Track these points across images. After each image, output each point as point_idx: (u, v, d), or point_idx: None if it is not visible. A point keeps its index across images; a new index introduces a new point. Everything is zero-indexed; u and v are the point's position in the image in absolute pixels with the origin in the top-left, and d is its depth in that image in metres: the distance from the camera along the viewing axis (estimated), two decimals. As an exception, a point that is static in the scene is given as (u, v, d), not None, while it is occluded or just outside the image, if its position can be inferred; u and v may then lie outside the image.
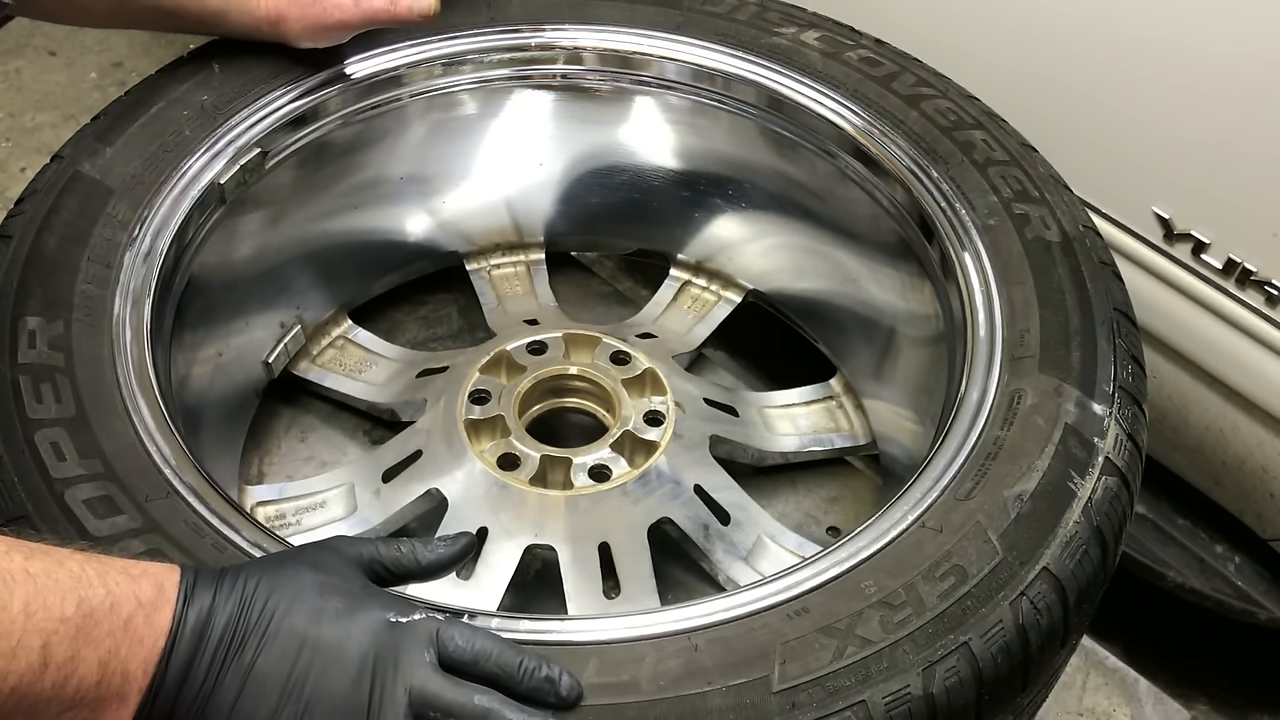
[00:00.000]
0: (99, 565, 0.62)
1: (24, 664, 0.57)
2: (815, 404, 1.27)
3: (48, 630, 0.58)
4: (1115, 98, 1.23)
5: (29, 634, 0.57)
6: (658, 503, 1.09)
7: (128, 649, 0.61)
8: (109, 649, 0.60)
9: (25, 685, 0.57)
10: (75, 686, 0.59)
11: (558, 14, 1.23)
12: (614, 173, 1.33)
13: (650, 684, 0.71)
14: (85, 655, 0.59)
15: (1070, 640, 0.83)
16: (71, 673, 0.59)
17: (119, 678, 0.60)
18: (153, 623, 0.62)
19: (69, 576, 0.60)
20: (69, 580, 0.60)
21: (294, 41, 1.12)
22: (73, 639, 0.58)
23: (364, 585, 0.70)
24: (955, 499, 0.83)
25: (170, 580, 0.64)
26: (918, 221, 1.08)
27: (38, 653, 0.57)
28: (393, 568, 0.74)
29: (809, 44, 1.20)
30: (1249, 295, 1.20)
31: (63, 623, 0.58)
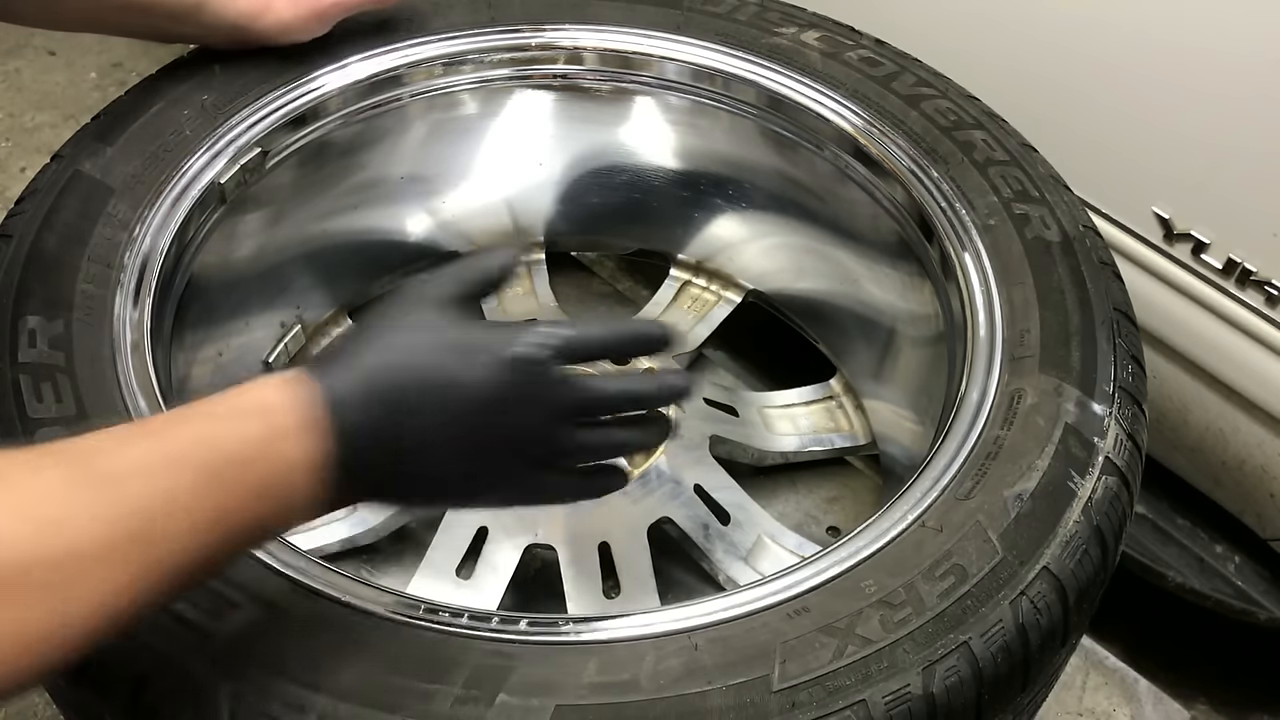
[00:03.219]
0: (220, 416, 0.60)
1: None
2: (815, 404, 1.27)
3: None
4: (1115, 98, 1.23)
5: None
6: (658, 502, 1.09)
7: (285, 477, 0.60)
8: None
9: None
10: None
11: (558, 14, 1.23)
12: (614, 173, 1.33)
13: (650, 683, 0.71)
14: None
15: (1070, 640, 0.83)
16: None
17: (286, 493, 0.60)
18: (302, 445, 0.61)
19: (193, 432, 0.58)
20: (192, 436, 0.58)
21: (275, 38, 1.09)
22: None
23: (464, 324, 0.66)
24: (955, 498, 0.83)
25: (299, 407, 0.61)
26: (918, 221, 1.08)
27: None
28: (473, 290, 0.69)
29: (809, 44, 1.20)
30: (1249, 295, 1.20)
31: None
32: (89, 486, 0.51)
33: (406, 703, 0.69)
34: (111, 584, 0.52)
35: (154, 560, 0.55)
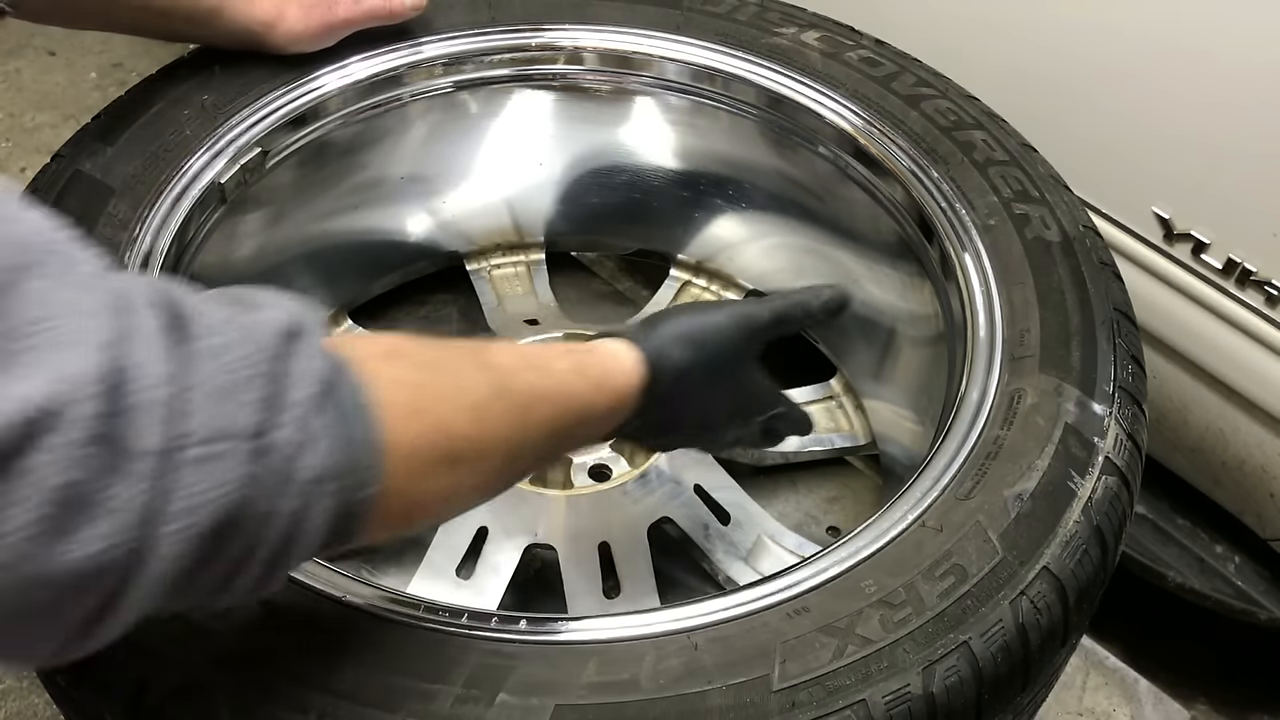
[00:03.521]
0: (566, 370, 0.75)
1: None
2: (815, 404, 1.27)
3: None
4: (1115, 98, 1.23)
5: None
6: (658, 502, 1.09)
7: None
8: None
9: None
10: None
11: (558, 14, 1.23)
12: (614, 173, 1.33)
13: (650, 683, 0.71)
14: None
15: (1070, 640, 0.83)
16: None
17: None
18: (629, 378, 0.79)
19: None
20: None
21: (284, 48, 1.11)
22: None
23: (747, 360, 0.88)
24: (955, 498, 0.83)
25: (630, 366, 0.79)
26: (918, 221, 1.08)
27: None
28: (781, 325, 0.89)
29: (809, 44, 1.20)
30: (1249, 295, 1.20)
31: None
32: (506, 399, 0.66)
33: (406, 702, 0.69)
34: (504, 473, 0.69)
35: (524, 464, 0.73)
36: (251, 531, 0.50)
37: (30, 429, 0.42)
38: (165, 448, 0.46)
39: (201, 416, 0.47)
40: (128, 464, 0.45)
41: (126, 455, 0.45)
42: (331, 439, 0.52)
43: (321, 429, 0.51)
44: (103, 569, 0.45)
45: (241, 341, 0.50)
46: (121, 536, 0.45)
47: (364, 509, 0.54)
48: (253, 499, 0.49)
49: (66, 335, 0.44)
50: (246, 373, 0.49)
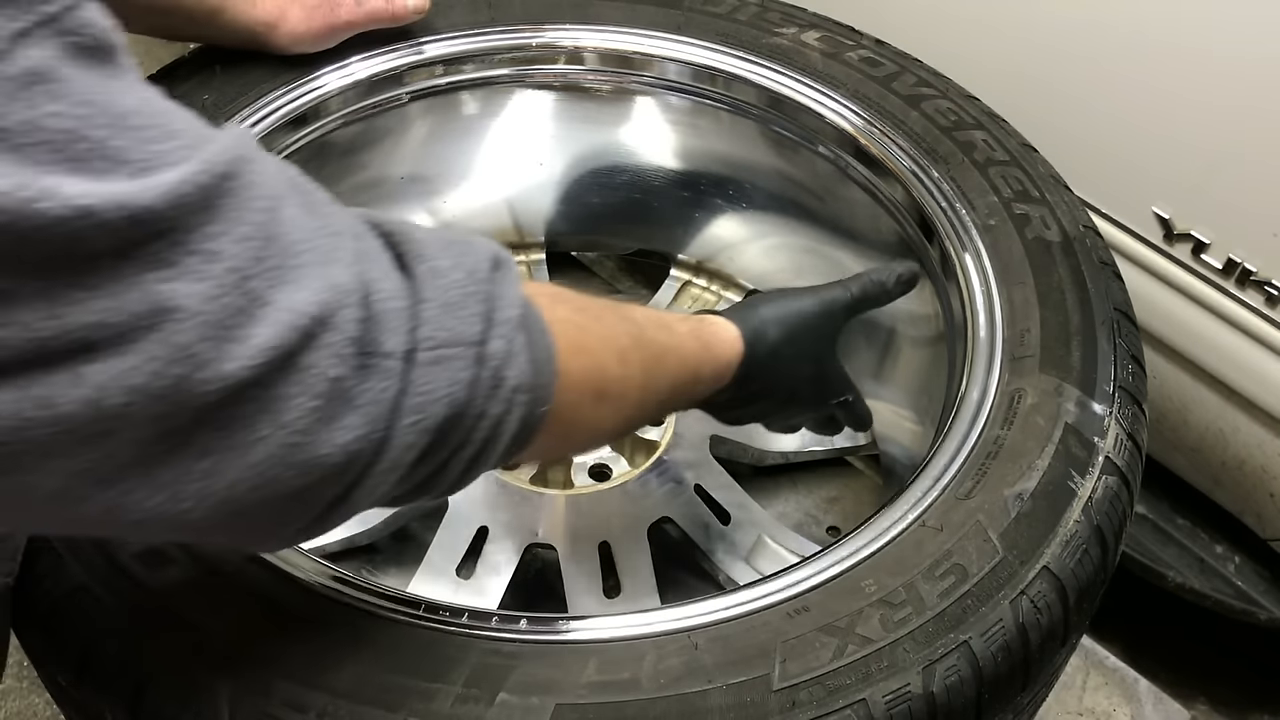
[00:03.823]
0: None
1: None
2: (815, 404, 1.27)
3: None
4: (1115, 98, 1.23)
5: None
6: (658, 502, 1.09)
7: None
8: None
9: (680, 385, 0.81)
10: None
11: (559, 14, 1.23)
12: (614, 173, 1.33)
13: (650, 682, 0.71)
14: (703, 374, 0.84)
15: (1070, 639, 0.83)
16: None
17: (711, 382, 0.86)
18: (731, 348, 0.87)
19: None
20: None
21: (285, 48, 1.11)
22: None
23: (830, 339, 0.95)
24: (955, 498, 0.83)
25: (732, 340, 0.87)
26: (918, 221, 1.09)
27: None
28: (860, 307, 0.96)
29: (809, 44, 1.20)
30: (1249, 295, 1.20)
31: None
32: (642, 349, 0.74)
33: (407, 702, 0.69)
34: (633, 417, 0.76)
35: (648, 411, 0.79)
36: (465, 429, 0.56)
37: (309, 331, 0.48)
38: (407, 350, 0.52)
39: (433, 325, 0.54)
40: (378, 363, 0.51)
41: (377, 356, 0.51)
42: (527, 355, 0.58)
43: (521, 346, 0.58)
44: (352, 457, 0.51)
45: (457, 266, 0.56)
46: (370, 428, 0.51)
47: (538, 424, 0.61)
48: (470, 400, 0.55)
49: (327, 254, 0.50)
50: (467, 290, 0.56)
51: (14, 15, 0.40)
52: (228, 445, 0.47)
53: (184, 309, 0.44)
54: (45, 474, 0.44)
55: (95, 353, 0.42)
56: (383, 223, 0.57)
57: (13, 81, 0.40)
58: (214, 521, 0.50)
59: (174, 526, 0.49)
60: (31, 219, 0.40)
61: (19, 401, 0.42)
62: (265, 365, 0.47)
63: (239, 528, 0.53)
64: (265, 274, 0.47)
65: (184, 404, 0.45)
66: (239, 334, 0.45)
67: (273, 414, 0.48)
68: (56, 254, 0.41)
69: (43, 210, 0.40)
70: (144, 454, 0.46)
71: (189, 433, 0.46)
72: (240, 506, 0.50)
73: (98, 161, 0.41)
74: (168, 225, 0.43)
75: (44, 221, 0.40)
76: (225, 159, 0.46)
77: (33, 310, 0.41)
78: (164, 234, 0.43)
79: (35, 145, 0.40)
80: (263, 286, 0.46)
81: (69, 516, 0.47)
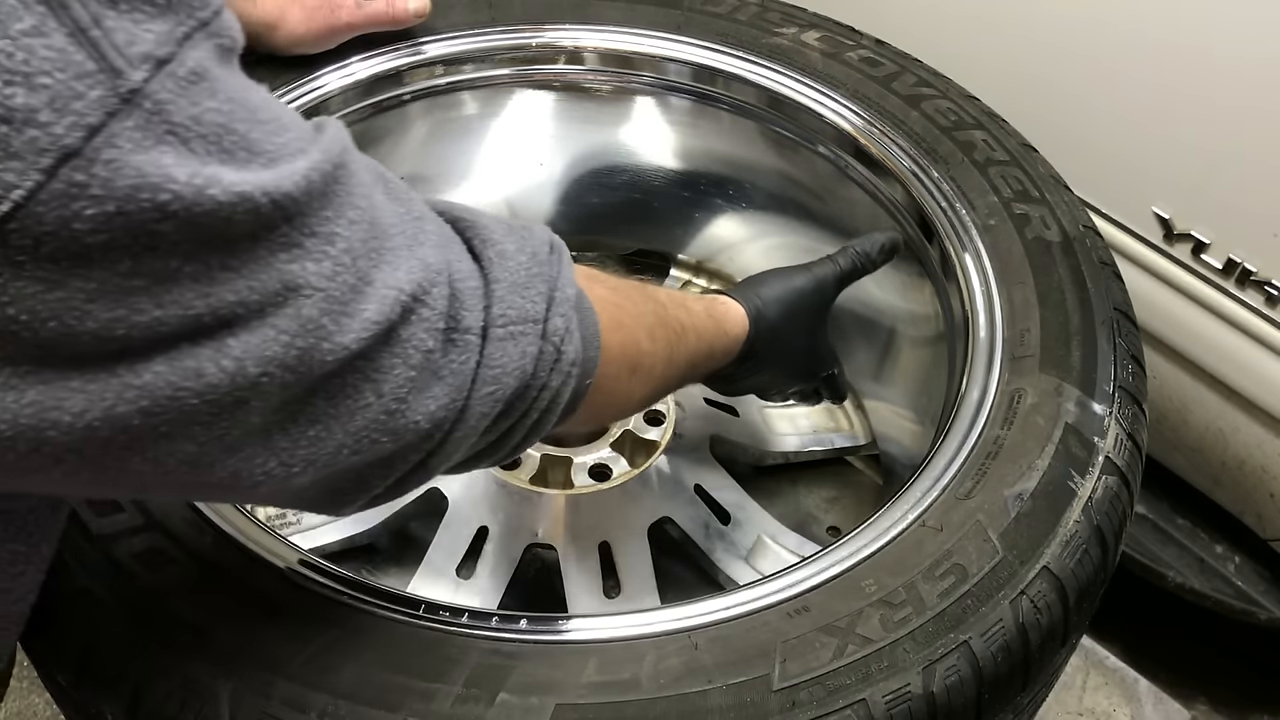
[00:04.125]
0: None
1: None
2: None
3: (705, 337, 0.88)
4: (1115, 98, 1.23)
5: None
6: (658, 502, 1.09)
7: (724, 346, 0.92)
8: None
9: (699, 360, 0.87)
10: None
11: (559, 14, 1.23)
12: (614, 173, 1.33)
13: (650, 682, 0.71)
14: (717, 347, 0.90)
15: (1070, 639, 0.83)
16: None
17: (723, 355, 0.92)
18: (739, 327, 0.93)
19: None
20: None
21: (285, 49, 1.11)
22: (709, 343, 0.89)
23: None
24: (955, 498, 0.83)
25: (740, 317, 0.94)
26: (918, 221, 1.09)
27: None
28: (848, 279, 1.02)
29: (809, 44, 1.20)
30: (1249, 295, 1.20)
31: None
32: (666, 326, 0.80)
33: (407, 702, 0.69)
34: (658, 388, 0.81)
35: (670, 384, 0.84)
36: (529, 399, 0.62)
37: (408, 306, 0.53)
38: (484, 326, 0.58)
39: (505, 305, 0.59)
40: (460, 338, 0.56)
41: (459, 331, 0.56)
42: (580, 332, 0.64)
43: (575, 323, 0.63)
44: (437, 425, 0.56)
45: (521, 249, 0.62)
46: (452, 397, 0.56)
47: (584, 395, 0.66)
48: (535, 372, 0.61)
49: (414, 236, 0.55)
50: (532, 272, 0.61)
51: (180, 21, 0.44)
52: (334, 414, 0.52)
53: (309, 285, 0.48)
54: (185, 440, 0.48)
55: (236, 327, 0.46)
56: (449, 208, 0.61)
57: (181, 81, 0.43)
58: (314, 485, 0.55)
59: (281, 490, 0.53)
60: (203, 204, 0.43)
61: (172, 374, 0.45)
62: (371, 338, 0.51)
63: (329, 491, 0.57)
64: (369, 254, 0.51)
65: (307, 374, 0.49)
66: (352, 309, 0.50)
67: (375, 383, 0.52)
68: (214, 237, 0.45)
69: (212, 196, 0.43)
70: (266, 422, 0.50)
71: (304, 401, 0.51)
72: (337, 471, 0.54)
73: (241, 152, 0.45)
74: (296, 210, 0.47)
75: (212, 206, 0.44)
76: (338, 149, 0.50)
77: (189, 289, 0.45)
78: (292, 218, 0.47)
79: (199, 138, 0.44)
80: (368, 266, 0.51)
81: (195, 481, 0.50)
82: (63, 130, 0.40)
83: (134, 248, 0.43)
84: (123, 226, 0.42)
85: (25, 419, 0.44)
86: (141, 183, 0.42)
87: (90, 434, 0.45)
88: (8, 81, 0.39)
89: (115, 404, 0.45)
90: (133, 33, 0.42)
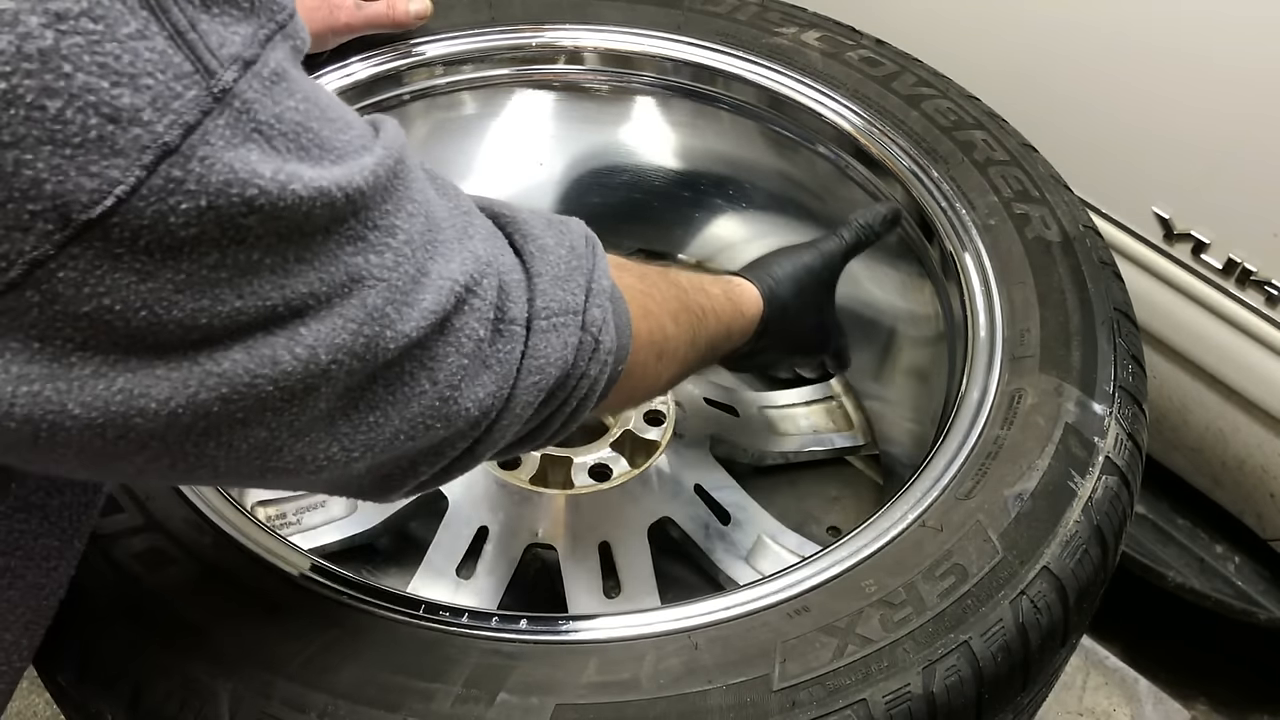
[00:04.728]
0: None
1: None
2: (815, 404, 1.27)
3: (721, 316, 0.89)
4: (1115, 98, 1.23)
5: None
6: (658, 502, 1.09)
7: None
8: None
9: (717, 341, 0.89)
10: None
11: (559, 14, 1.23)
12: (614, 173, 1.33)
13: (650, 682, 0.71)
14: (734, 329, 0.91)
15: (1070, 639, 0.83)
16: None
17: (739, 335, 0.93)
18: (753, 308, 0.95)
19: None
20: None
21: None
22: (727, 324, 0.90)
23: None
24: (955, 498, 0.83)
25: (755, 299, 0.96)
26: (918, 221, 1.09)
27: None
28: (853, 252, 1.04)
29: (809, 44, 1.20)
30: (1249, 295, 1.20)
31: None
32: (689, 311, 0.81)
33: (407, 702, 0.69)
34: (680, 371, 0.83)
35: (691, 366, 0.86)
36: (569, 387, 0.63)
37: (461, 297, 0.55)
38: (529, 317, 0.60)
39: (547, 297, 0.61)
40: (507, 328, 0.58)
41: (506, 322, 0.58)
42: (614, 322, 0.66)
43: (612, 314, 0.65)
44: (484, 412, 0.58)
45: (560, 243, 0.64)
46: (500, 385, 0.58)
47: (616, 381, 0.68)
48: (576, 361, 0.63)
49: (463, 230, 0.57)
50: (571, 265, 0.63)
51: (262, 23, 0.46)
52: (392, 400, 0.54)
53: (372, 276, 0.50)
54: (258, 426, 0.50)
55: (307, 316, 0.48)
56: (489, 204, 0.63)
57: (265, 81, 0.45)
58: (369, 472, 0.57)
59: (340, 476, 0.56)
60: (286, 199, 0.45)
61: (250, 361, 0.47)
62: (429, 327, 0.53)
63: (381, 479, 0.59)
64: (426, 246, 0.53)
65: (372, 361, 0.51)
66: (412, 299, 0.52)
67: (430, 371, 0.54)
68: (293, 230, 0.47)
69: (294, 191, 0.46)
70: (331, 408, 0.52)
71: (365, 389, 0.53)
72: (391, 457, 0.56)
73: (315, 149, 0.47)
74: (363, 203, 0.50)
75: (294, 201, 0.46)
76: (397, 146, 0.52)
77: (267, 280, 0.47)
78: (358, 212, 0.49)
79: (280, 136, 0.46)
80: (424, 257, 0.53)
81: (263, 466, 0.52)
82: (163, 129, 0.42)
83: (222, 241, 0.45)
84: (213, 220, 0.44)
85: (115, 406, 0.45)
86: (232, 178, 0.44)
87: (173, 420, 0.47)
88: (115, 83, 0.41)
89: (198, 391, 0.47)
90: (223, 35, 0.44)
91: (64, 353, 0.44)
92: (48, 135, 0.40)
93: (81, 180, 0.41)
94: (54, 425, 0.45)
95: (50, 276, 0.42)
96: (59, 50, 0.40)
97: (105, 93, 0.41)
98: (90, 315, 0.44)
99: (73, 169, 0.41)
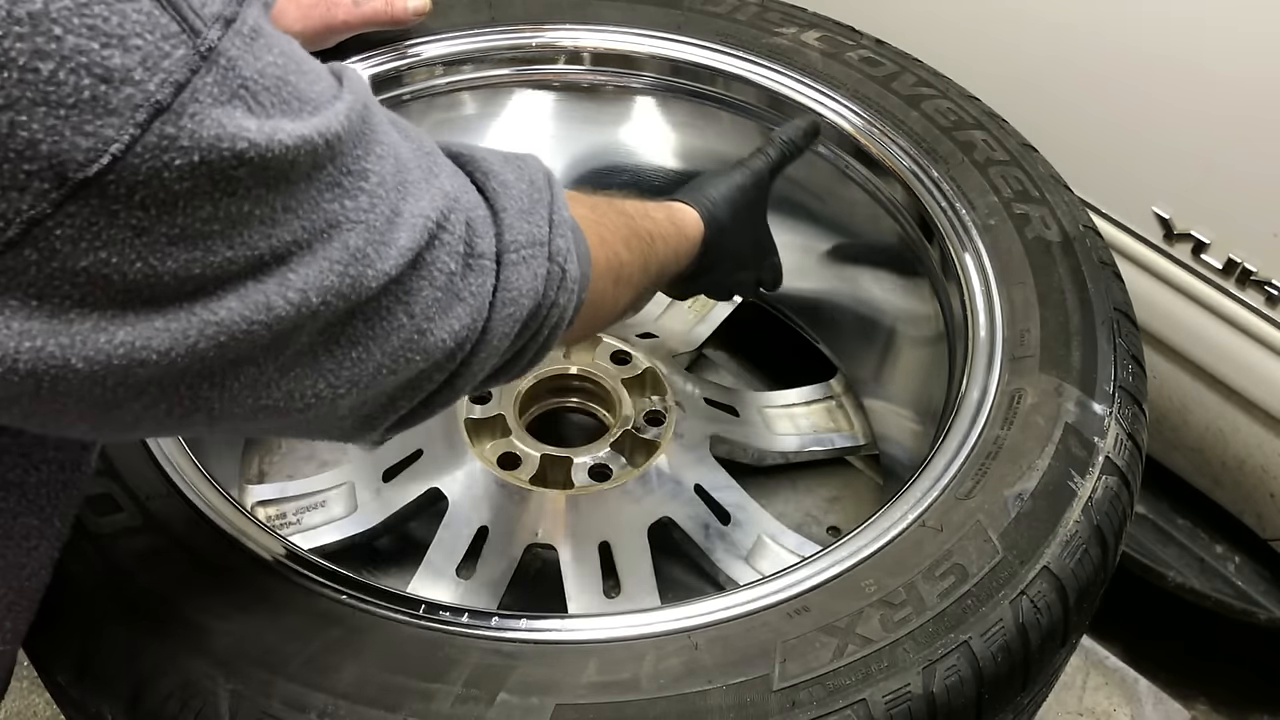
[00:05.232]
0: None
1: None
2: (815, 404, 1.27)
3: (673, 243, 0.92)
4: (1115, 98, 1.23)
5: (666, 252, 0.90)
6: (658, 502, 1.09)
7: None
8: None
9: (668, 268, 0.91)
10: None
11: (558, 14, 1.23)
12: (615, 173, 1.33)
13: (650, 683, 0.71)
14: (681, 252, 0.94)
15: (1070, 639, 0.83)
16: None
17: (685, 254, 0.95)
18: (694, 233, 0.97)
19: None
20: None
21: None
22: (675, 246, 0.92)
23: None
24: (955, 498, 0.83)
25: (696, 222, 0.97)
26: (918, 221, 1.09)
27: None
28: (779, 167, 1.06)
29: (809, 44, 1.20)
30: (1249, 295, 1.20)
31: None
32: (639, 237, 0.83)
33: (407, 701, 0.69)
34: (635, 298, 0.85)
35: (646, 291, 0.88)
36: (541, 317, 0.65)
37: (433, 232, 0.57)
38: (498, 251, 0.62)
39: (515, 231, 0.63)
40: (478, 262, 0.60)
41: (476, 256, 0.60)
42: (577, 251, 0.68)
43: (574, 244, 0.67)
44: (459, 344, 0.60)
45: (520, 178, 0.66)
46: (474, 318, 0.60)
47: (579, 309, 0.69)
48: (546, 291, 0.64)
49: (428, 169, 0.59)
50: (533, 199, 0.65)
51: None
52: (372, 335, 0.56)
53: (350, 219, 0.52)
54: (249, 364, 0.52)
55: (294, 262, 0.50)
56: (447, 145, 0.65)
57: (245, 38, 0.47)
58: (352, 412, 0.59)
59: (326, 415, 0.57)
60: (274, 149, 0.47)
61: (244, 308, 0.49)
62: (406, 264, 0.55)
63: (363, 419, 0.61)
64: (398, 187, 0.55)
65: (355, 299, 0.53)
66: (389, 238, 0.54)
67: (406, 305, 0.56)
68: (278, 180, 0.48)
69: (280, 141, 0.47)
70: (313, 342, 0.54)
71: (345, 324, 0.55)
72: (373, 392, 0.58)
73: (294, 101, 0.49)
74: (339, 148, 0.51)
75: (280, 151, 0.47)
76: (364, 94, 0.54)
77: (255, 230, 0.48)
78: (335, 158, 0.51)
79: (264, 90, 0.47)
80: (397, 198, 0.55)
81: (255, 406, 0.54)
82: (154, 87, 0.44)
83: (214, 194, 0.46)
84: (206, 174, 0.45)
85: (117, 360, 0.47)
86: (221, 133, 0.45)
87: (171, 367, 0.49)
88: (105, 44, 0.42)
89: (198, 340, 0.48)
90: None
91: (63, 309, 0.45)
92: (42, 96, 0.41)
93: (77, 140, 0.42)
94: (56, 378, 0.46)
95: (48, 235, 0.43)
96: (48, 13, 0.41)
97: (96, 54, 0.42)
98: (88, 271, 0.45)
99: (67, 129, 0.42)
